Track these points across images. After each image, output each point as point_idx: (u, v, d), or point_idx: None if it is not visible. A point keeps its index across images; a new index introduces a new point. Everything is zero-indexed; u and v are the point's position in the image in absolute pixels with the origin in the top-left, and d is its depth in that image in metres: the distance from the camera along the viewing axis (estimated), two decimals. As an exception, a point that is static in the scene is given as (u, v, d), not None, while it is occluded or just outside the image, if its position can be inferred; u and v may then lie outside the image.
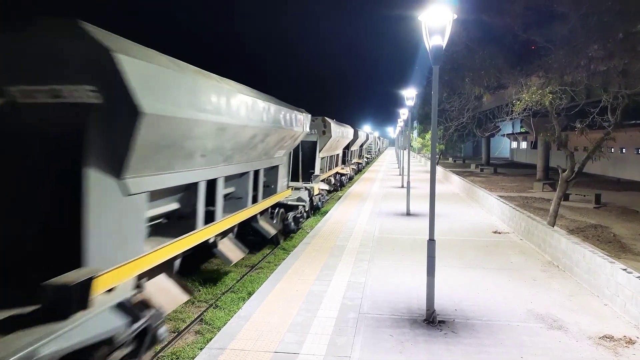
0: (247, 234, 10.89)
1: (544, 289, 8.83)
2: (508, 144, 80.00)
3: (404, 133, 39.74)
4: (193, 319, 8.05)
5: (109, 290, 5.09)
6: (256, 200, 10.78)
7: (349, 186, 29.84)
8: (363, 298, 8.24)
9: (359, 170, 44.14)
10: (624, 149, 38.07)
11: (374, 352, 6.16)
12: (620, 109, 12.20)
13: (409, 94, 21.82)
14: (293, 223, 13.97)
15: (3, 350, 3.84)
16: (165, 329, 6.03)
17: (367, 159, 59.27)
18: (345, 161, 32.01)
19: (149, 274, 6.28)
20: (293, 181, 17.00)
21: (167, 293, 6.69)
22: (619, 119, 12.42)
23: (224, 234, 9.11)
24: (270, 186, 12.39)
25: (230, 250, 9.13)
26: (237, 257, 9.37)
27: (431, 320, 7.15)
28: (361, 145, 45.56)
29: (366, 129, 64.20)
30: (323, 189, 19.55)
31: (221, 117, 7.18)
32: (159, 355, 6.73)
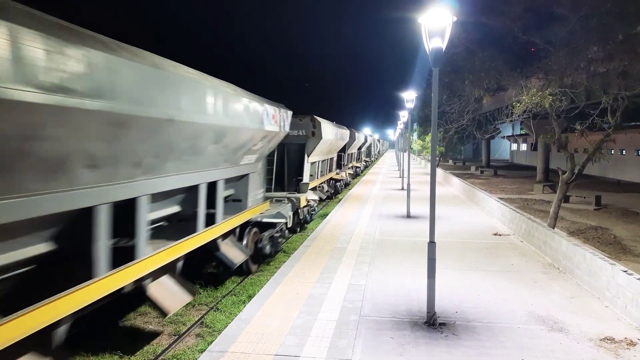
0: (207, 262, 9.14)
1: (544, 291, 8.83)
2: (508, 146, 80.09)
3: (404, 135, 39.76)
4: (194, 322, 8.04)
5: None
6: (213, 221, 8.49)
7: (349, 189, 29.86)
8: (364, 300, 8.23)
9: (357, 174, 41.65)
10: (624, 151, 38.10)
11: (374, 355, 6.15)
12: (620, 111, 12.22)
13: (409, 96, 21.85)
14: (269, 245, 11.33)
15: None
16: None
17: (366, 162, 56.66)
18: (341, 165, 29.79)
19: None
20: (277, 191, 15.75)
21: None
22: (619, 121, 12.43)
23: (156, 275, 6.71)
24: (240, 200, 10.48)
25: (169, 296, 6.88)
26: (177, 305, 7.05)
27: (432, 322, 7.15)
28: (359, 148, 43.50)
29: (366, 131, 64.15)
30: (312, 200, 17.11)
31: (117, 105, 4.87)
32: (159, 358, 6.72)
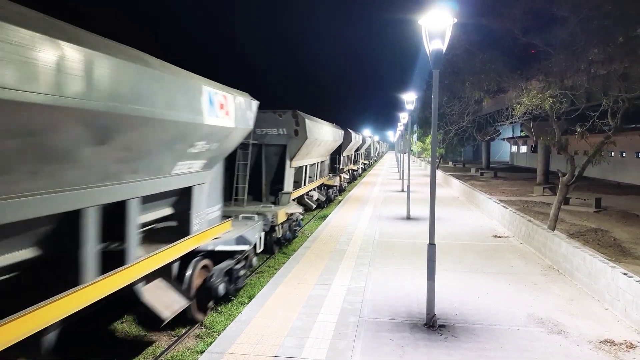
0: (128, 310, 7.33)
1: (544, 293, 8.82)
2: (508, 148, 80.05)
3: (404, 137, 39.76)
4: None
5: None
6: (123, 259, 5.92)
7: (349, 190, 29.83)
8: (363, 302, 8.22)
9: (355, 178, 39.26)
10: (624, 153, 38.08)
11: (374, 357, 6.14)
12: (620, 113, 12.20)
13: (409, 98, 21.86)
14: (223, 283, 8.23)
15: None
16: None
17: (365, 164, 53.16)
18: (335, 169, 27.25)
19: None
20: (253, 204, 13.06)
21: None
22: (619, 123, 12.42)
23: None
24: (180, 224, 7.56)
25: None
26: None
27: (431, 324, 7.14)
28: (357, 150, 40.36)
29: (366, 132, 63.99)
30: (294, 213, 13.93)
31: None
32: (159, 359, 6.72)
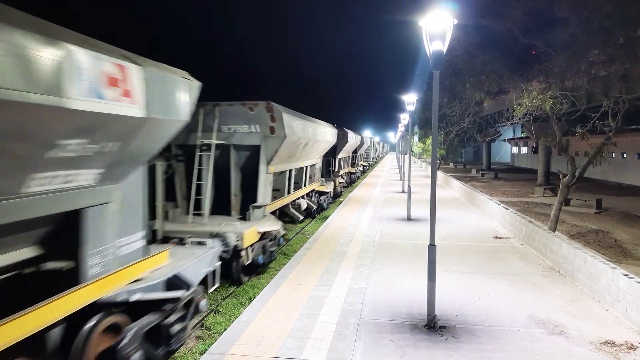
0: None
1: (545, 294, 8.81)
2: (509, 149, 79.99)
3: (405, 138, 39.74)
4: (194, 324, 8.02)
5: None
6: None
7: (349, 191, 29.82)
8: (364, 303, 8.22)
9: (353, 182, 36.18)
10: (625, 154, 38.05)
11: (374, 358, 6.15)
12: (621, 114, 12.20)
13: (410, 99, 21.85)
14: (140, 352, 5.49)
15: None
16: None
17: (364, 166, 49.77)
18: (329, 172, 24.34)
19: None
20: (223, 216, 10.92)
21: None
22: (620, 124, 12.42)
23: None
24: (66, 269, 5.19)
25: None
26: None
27: (432, 325, 7.14)
28: (354, 151, 37.36)
29: (366, 133, 63.84)
30: (270, 231, 10.95)
31: None
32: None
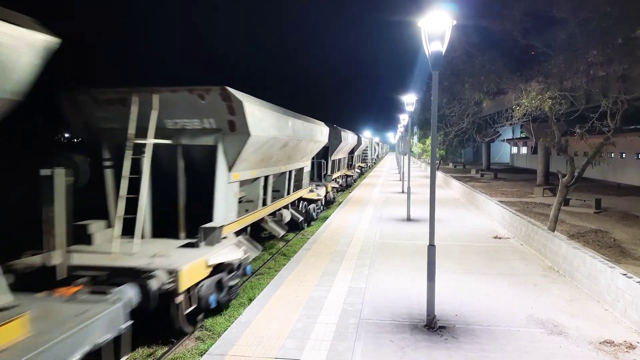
0: None
1: (544, 294, 8.82)
2: (508, 149, 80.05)
3: (404, 138, 39.73)
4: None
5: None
6: None
7: (349, 192, 29.82)
8: (363, 303, 8.23)
9: (349, 185, 33.28)
10: (623, 154, 38.09)
11: (374, 358, 6.15)
12: (619, 114, 12.22)
13: (409, 100, 21.86)
14: None
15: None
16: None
17: (362, 168, 47.18)
18: (321, 177, 22.13)
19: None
20: (167, 238, 8.73)
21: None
22: (619, 124, 12.43)
23: None
24: None
25: None
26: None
27: (432, 325, 7.15)
28: (351, 152, 33.93)
29: (366, 134, 63.78)
30: (234, 259, 8.46)
31: None
32: (159, 361, 6.71)
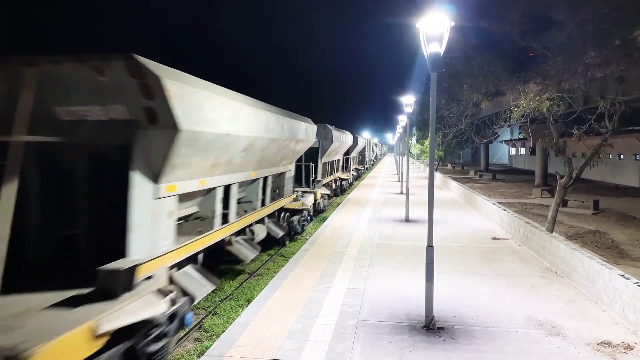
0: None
1: (542, 295, 8.84)
2: (506, 150, 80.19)
3: (403, 139, 39.75)
4: (192, 326, 8.03)
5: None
6: None
7: (348, 193, 29.82)
8: (362, 305, 8.23)
9: (343, 190, 30.37)
10: (621, 155, 38.17)
11: (373, 359, 6.16)
12: (617, 116, 12.26)
13: (408, 101, 21.90)
14: None
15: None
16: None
17: (359, 170, 44.96)
18: (310, 182, 19.91)
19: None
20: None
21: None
22: (617, 126, 12.47)
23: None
24: None
25: None
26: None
27: (430, 326, 7.15)
28: (346, 153, 31.68)
29: (365, 134, 63.67)
30: (135, 324, 5.27)
31: None
32: (157, 362, 6.69)
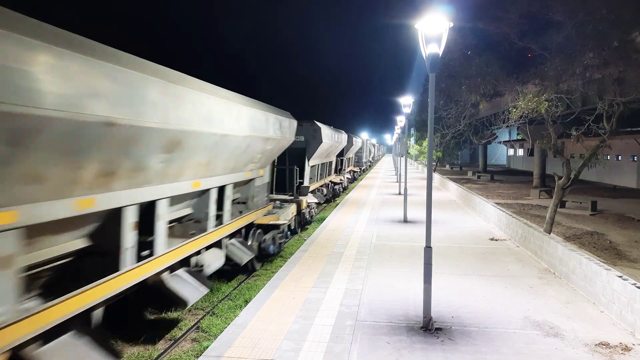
0: None
1: (540, 296, 8.84)
2: (505, 151, 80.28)
3: (401, 140, 39.75)
4: (190, 326, 8.02)
5: None
6: None
7: (346, 193, 29.81)
8: (360, 305, 8.23)
9: (336, 195, 28.48)
10: (619, 156, 38.26)
11: (370, 360, 6.15)
12: (615, 117, 12.29)
13: (406, 102, 21.91)
14: None
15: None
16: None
17: (355, 172, 42.88)
18: (296, 189, 18.23)
19: None
20: None
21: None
22: (615, 127, 12.50)
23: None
24: None
25: None
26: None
27: (428, 327, 7.15)
28: (340, 155, 30.26)
29: (364, 135, 63.76)
30: None
31: None
32: (155, 363, 6.68)
